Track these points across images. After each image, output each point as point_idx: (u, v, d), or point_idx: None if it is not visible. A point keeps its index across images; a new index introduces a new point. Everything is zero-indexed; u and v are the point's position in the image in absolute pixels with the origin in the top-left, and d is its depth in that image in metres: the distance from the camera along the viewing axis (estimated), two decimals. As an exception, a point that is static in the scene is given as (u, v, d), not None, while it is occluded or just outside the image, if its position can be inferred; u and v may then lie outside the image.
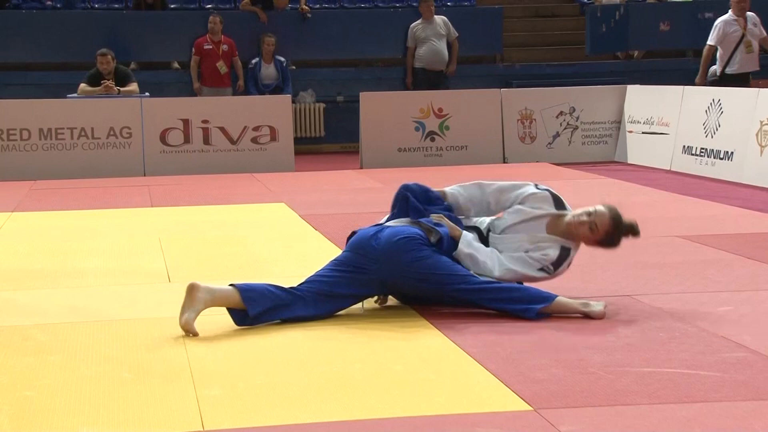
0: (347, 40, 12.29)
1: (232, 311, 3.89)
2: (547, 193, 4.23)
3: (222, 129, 9.97)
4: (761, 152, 8.38)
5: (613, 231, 4.10)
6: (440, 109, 10.32)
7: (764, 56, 13.33)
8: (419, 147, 10.28)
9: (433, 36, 11.63)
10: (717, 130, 9.03)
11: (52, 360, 3.57)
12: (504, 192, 4.27)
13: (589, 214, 4.10)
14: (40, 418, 2.97)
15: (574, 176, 9.10)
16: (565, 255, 4.13)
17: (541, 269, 4.12)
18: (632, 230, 4.15)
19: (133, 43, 11.82)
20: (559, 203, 4.22)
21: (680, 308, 4.13)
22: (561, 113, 10.47)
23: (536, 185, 4.29)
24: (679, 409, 2.96)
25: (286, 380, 3.31)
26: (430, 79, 11.58)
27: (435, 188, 4.31)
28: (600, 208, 4.12)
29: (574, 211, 4.17)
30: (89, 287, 4.80)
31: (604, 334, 3.76)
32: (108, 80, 10.22)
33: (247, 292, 3.87)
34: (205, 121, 9.94)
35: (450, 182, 4.66)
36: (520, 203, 4.21)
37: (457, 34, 11.71)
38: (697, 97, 9.49)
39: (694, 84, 10.07)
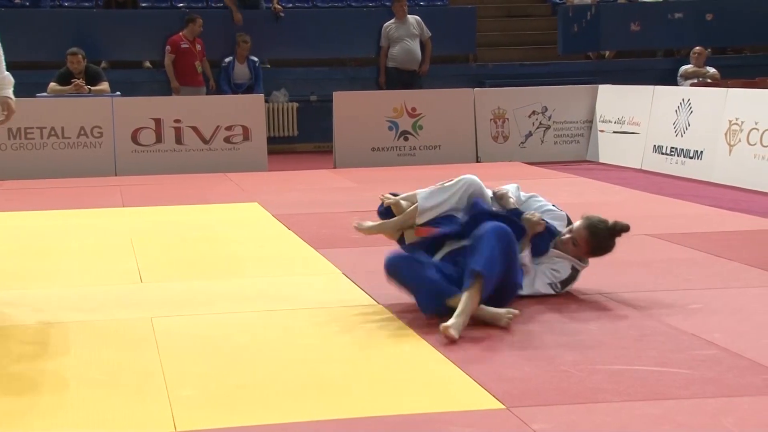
0: (320, 40, 12.27)
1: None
2: (563, 213, 4.40)
3: (194, 128, 9.91)
4: (730, 152, 8.46)
5: (593, 240, 4.25)
6: (413, 109, 10.34)
7: (733, 57, 13.53)
8: (393, 146, 10.29)
9: (407, 36, 11.65)
10: (687, 129, 9.12)
11: (22, 361, 3.53)
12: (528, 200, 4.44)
13: (570, 230, 4.28)
14: (10, 420, 2.95)
15: (546, 175, 9.15)
16: (574, 275, 4.32)
17: (549, 284, 4.26)
18: (620, 229, 4.27)
19: (103, 42, 11.73)
20: (569, 224, 4.39)
21: (650, 306, 4.16)
22: (533, 113, 10.52)
23: (553, 205, 4.43)
24: (650, 406, 2.99)
25: (260, 380, 3.30)
26: (404, 79, 11.60)
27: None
28: (577, 223, 4.29)
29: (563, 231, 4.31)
30: (60, 288, 4.76)
31: (575, 333, 3.78)
32: (78, 79, 10.15)
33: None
34: (177, 121, 9.89)
35: (423, 182, 4.67)
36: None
37: (430, 34, 11.74)
38: (667, 96, 9.58)
39: (664, 83, 10.13)
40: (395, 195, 4.36)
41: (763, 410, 2.96)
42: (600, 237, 4.24)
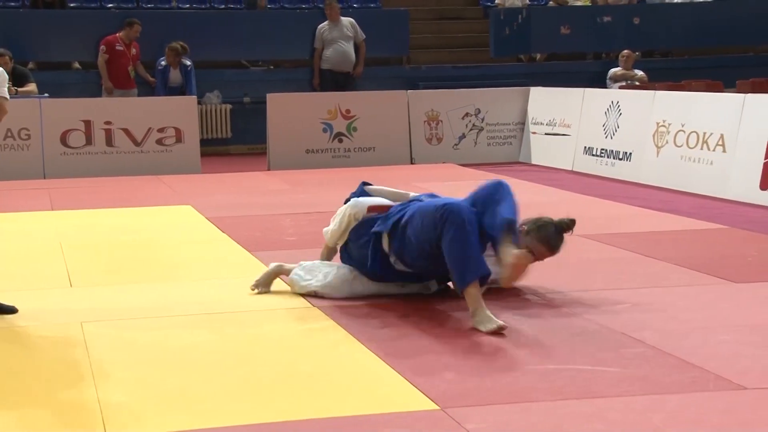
0: (254, 41, 12.20)
1: None
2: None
3: (126, 130, 9.76)
4: (658, 153, 8.65)
5: (552, 248, 4.31)
6: (348, 111, 10.34)
7: (660, 60, 13.83)
8: (327, 148, 10.28)
9: (340, 38, 11.65)
10: (616, 131, 9.29)
11: (-54, 370, 3.44)
12: None
13: (529, 250, 4.20)
14: (-67, 432, 2.87)
15: (479, 177, 9.22)
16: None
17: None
18: (566, 228, 4.35)
19: (30, 43, 11.48)
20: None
21: (581, 305, 4.23)
22: (467, 114, 10.61)
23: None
24: (582, 404, 3.04)
25: (192, 384, 3.27)
26: (338, 81, 11.59)
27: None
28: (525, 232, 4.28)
29: (512, 251, 4.10)
30: (-14, 294, 4.64)
31: (508, 333, 3.82)
32: (5, 80, 9.91)
33: None
34: (107, 123, 9.73)
35: (357, 183, 4.68)
36: None
37: (365, 37, 11.76)
38: (597, 99, 9.75)
39: (594, 86, 10.30)
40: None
41: (691, 407, 3.03)
42: (555, 243, 4.29)
